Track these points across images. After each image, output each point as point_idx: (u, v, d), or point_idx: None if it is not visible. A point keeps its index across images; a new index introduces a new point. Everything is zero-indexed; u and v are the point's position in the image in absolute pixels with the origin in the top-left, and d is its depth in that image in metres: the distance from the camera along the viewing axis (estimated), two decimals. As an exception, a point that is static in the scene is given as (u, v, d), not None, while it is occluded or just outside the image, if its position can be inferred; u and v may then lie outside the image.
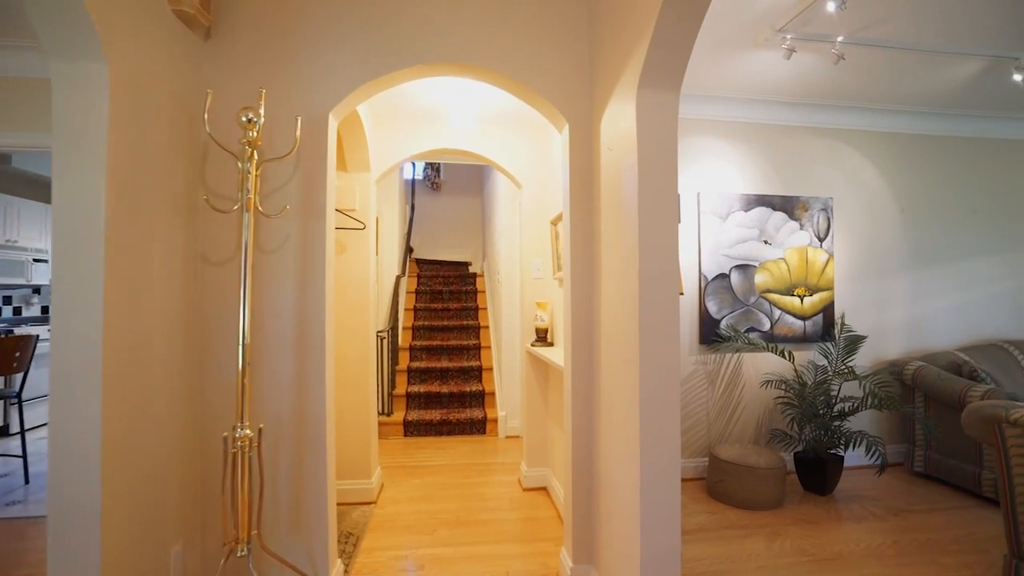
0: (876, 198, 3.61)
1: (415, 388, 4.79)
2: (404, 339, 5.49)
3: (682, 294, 2.54)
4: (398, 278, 5.46)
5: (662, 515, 1.59)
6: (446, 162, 4.76)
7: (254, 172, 1.70)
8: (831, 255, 3.48)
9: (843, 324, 3.27)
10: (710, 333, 3.29)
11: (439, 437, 4.41)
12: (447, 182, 7.92)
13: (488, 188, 6.46)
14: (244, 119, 1.67)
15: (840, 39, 2.56)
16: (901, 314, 3.62)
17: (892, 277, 3.61)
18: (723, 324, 3.31)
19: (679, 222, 1.63)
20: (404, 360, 5.19)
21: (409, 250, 7.02)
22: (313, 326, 1.91)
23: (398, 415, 4.52)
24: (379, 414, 4.45)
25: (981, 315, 3.76)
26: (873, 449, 2.75)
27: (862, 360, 3.52)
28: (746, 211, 3.35)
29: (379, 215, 5.65)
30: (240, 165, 1.69)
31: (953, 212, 3.72)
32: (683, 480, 3.26)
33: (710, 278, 3.30)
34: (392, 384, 4.71)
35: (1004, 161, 3.82)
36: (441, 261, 7.56)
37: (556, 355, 2.65)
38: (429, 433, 4.43)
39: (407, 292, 6.18)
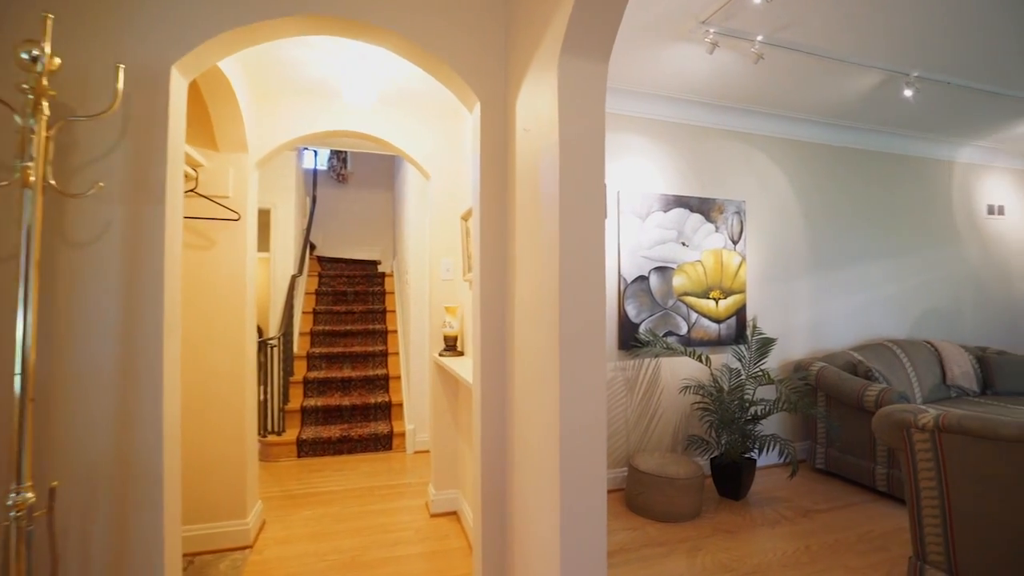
0: (784, 203, 3.69)
1: (312, 402, 4.26)
2: (301, 346, 4.91)
3: (603, 298, 2.34)
4: (294, 278, 4.87)
5: (585, 553, 1.35)
6: (349, 149, 4.28)
7: (43, 133, 1.22)
8: (744, 258, 3.50)
9: (755, 327, 3.28)
10: (629, 338, 3.16)
11: (339, 457, 3.93)
12: (355, 174, 7.32)
13: (399, 180, 6.01)
14: (26, 56, 1.20)
15: (760, 38, 2.50)
16: (805, 316, 3.74)
17: (797, 280, 3.72)
18: (642, 328, 3.19)
19: (605, 217, 1.44)
20: (300, 370, 4.62)
21: (310, 247, 6.38)
22: (146, 341, 1.45)
23: (291, 433, 3.98)
24: (268, 434, 3.89)
25: (870, 316, 3.99)
26: (786, 453, 2.74)
27: (771, 361, 3.58)
28: (665, 212, 3.27)
29: (272, 207, 5.03)
30: (19, 121, 1.21)
31: (848, 219, 3.92)
32: (602, 492, 3.11)
33: (629, 280, 3.17)
34: (285, 398, 4.15)
35: (891, 174, 4.09)
36: (347, 259, 6.97)
37: (466, 367, 2.35)
38: (327, 452, 3.94)
39: (306, 293, 5.57)
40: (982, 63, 2.84)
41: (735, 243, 3.47)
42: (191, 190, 2.41)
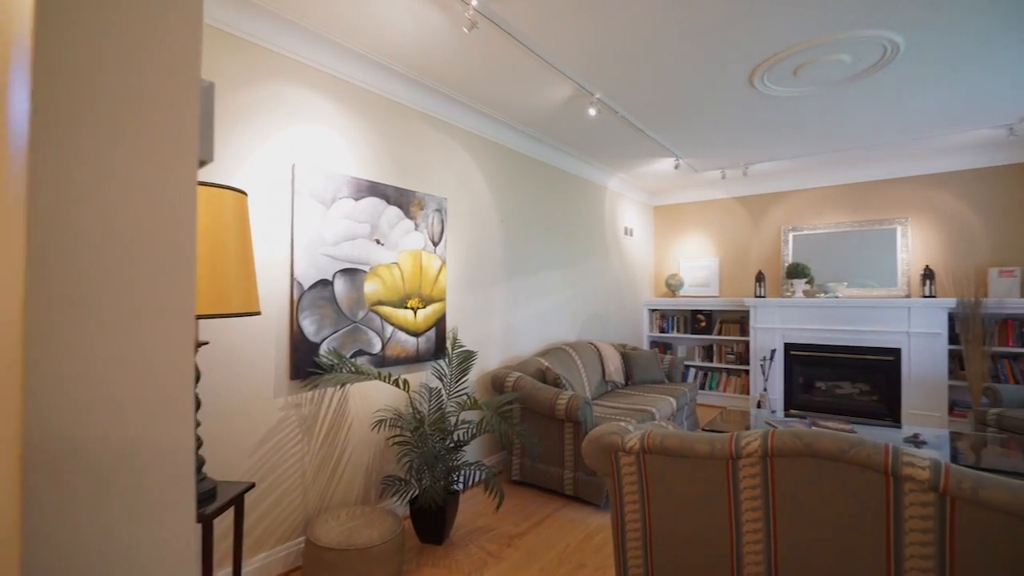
0: (483, 206, 3.52)
1: None
2: None
3: (257, 314, 1.51)
4: None
5: None
6: None
7: None
8: (444, 261, 3.14)
9: (455, 339, 2.94)
10: (306, 363, 2.35)
11: None
12: None
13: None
14: None
15: (475, 2, 2.10)
16: (499, 324, 3.66)
17: (493, 287, 3.60)
18: (324, 349, 2.43)
19: (203, 158, 0.69)
20: None
21: None
22: None
23: None
24: None
25: (550, 322, 4.25)
26: (492, 486, 2.42)
27: (470, 374, 3.33)
28: (357, 200, 2.59)
29: None
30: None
31: (536, 228, 4.07)
32: (264, 586, 2.19)
33: (307, 286, 2.37)
34: None
35: (568, 190, 4.47)
36: None
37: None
38: None
39: None
40: (642, 101, 3.21)
41: (436, 244, 3.08)
42: None
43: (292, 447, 2.32)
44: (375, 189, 2.69)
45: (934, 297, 4.37)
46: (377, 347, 2.69)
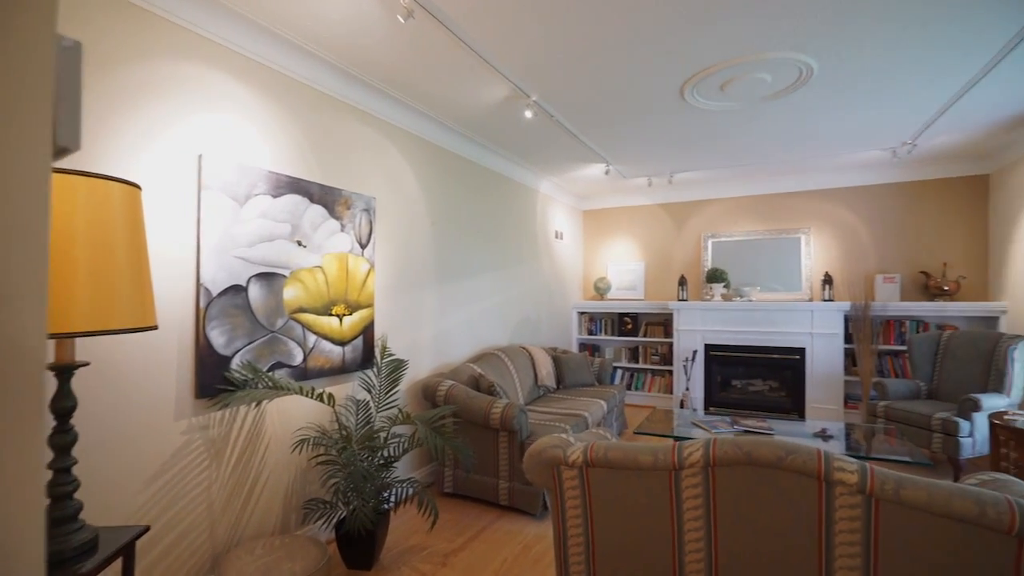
0: (414, 206, 3.36)
1: None
2: None
3: (155, 327, 1.29)
4: None
5: None
6: None
7: None
8: (372, 265, 2.95)
9: (385, 347, 2.77)
10: (215, 379, 2.09)
11: None
12: None
13: None
14: None
15: (405, -13, 1.97)
16: (430, 330, 3.52)
17: (424, 291, 3.46)
18: (236, 362, 2.18)
19: (64, 144, 0.54)
20: None
21: None
22: None
23: None
24: None
25: (481, 327, 4.16)
26: (426, 503, 2.29)
27: (401, 384, 3.16)
28: (275, 197, 2.35)
29: None
30: None
31: (467, 231, 3.96)
32: (162, 637, 1.91)
33: (216, 293, 2.10)
34: None
35: (500, 192, 4.41)
36: None
37: None
38: None
39: None
40: (578, 106, 3.20)
41: (363, 247, 2.89)
42: None
43: (197, 475, 2.05)
44: (297, 186, 2.46)
45: (832, 301, 4.79)
46: (298, 358, 2.47)
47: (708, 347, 5.21)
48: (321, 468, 2.55)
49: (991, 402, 3.26)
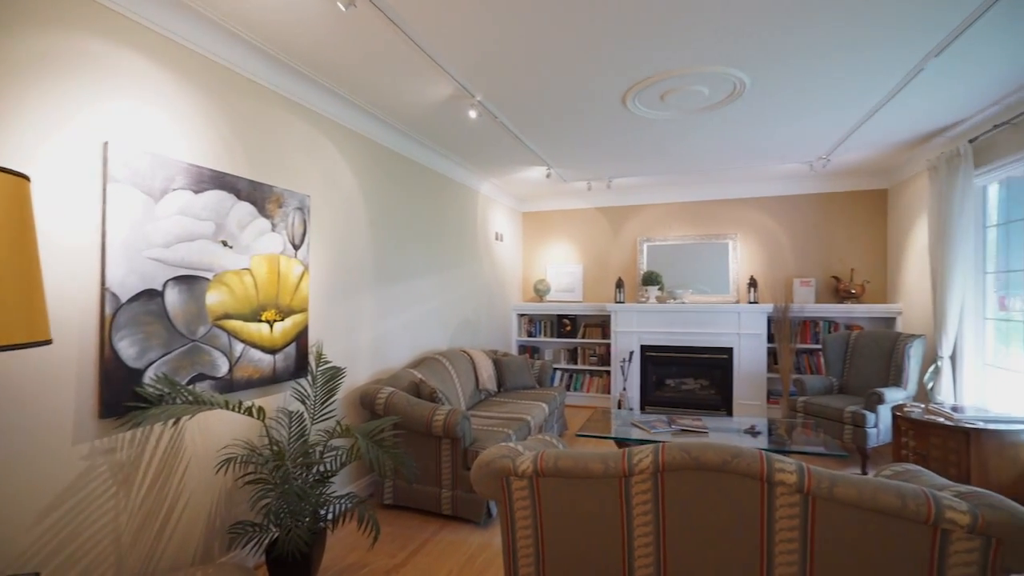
0: (352, 206, 3.20)
1: None
2: None
3: (49, 342, 1.11)
4: None
5: None
6: None
7: None
8: (307, 267, 2.77)
9: (320, 355, 2.61)
10: (124, 395, 1.86)
11: None
12: None
13: None
14: None
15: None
16: (368, 335, 3.36)
17: (361, 295, 3.30)
18: (149, 376, 1.95)
19: None
20: None
21: None
22: None
23: None
24: None
25: (420, 331, 4.04)
26: (368, 521, 2.16)
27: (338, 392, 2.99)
28: (197, 192, 2.14)
29: None
30: None
31: (406, 232, 3.83)
32: None
33: (126, 298, 1.88)
34: None
35: (440, 193, 4.30)
36: None
37: None
38: None
39: None
40: (523, 109, 3.18)
41: (297, 248, 2.70)
42: None
43: (102, 505, 1.81)
44: (222, 181, 2.25)
45: (757, 303, 5.10)
46: (223, 369, 2.26)
47: (644, 348, 5.38)
48: (250, 488, 2.36)
49: (893, 395, 3.59)
